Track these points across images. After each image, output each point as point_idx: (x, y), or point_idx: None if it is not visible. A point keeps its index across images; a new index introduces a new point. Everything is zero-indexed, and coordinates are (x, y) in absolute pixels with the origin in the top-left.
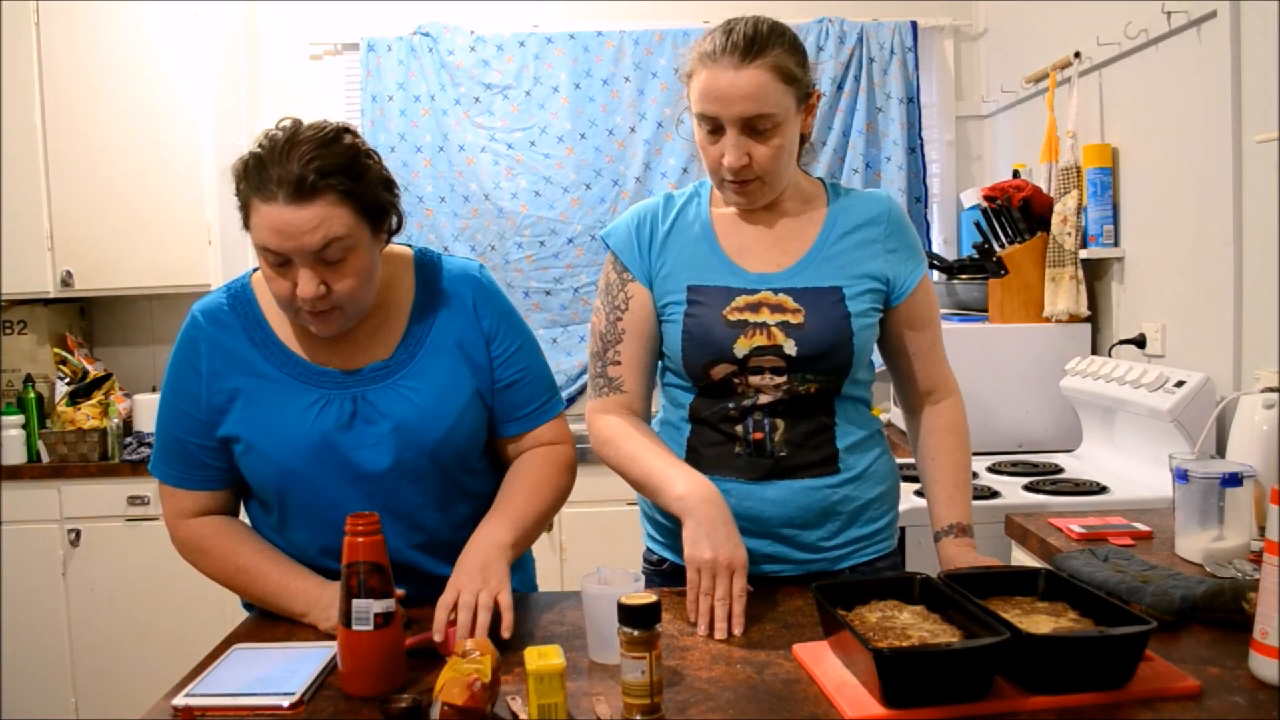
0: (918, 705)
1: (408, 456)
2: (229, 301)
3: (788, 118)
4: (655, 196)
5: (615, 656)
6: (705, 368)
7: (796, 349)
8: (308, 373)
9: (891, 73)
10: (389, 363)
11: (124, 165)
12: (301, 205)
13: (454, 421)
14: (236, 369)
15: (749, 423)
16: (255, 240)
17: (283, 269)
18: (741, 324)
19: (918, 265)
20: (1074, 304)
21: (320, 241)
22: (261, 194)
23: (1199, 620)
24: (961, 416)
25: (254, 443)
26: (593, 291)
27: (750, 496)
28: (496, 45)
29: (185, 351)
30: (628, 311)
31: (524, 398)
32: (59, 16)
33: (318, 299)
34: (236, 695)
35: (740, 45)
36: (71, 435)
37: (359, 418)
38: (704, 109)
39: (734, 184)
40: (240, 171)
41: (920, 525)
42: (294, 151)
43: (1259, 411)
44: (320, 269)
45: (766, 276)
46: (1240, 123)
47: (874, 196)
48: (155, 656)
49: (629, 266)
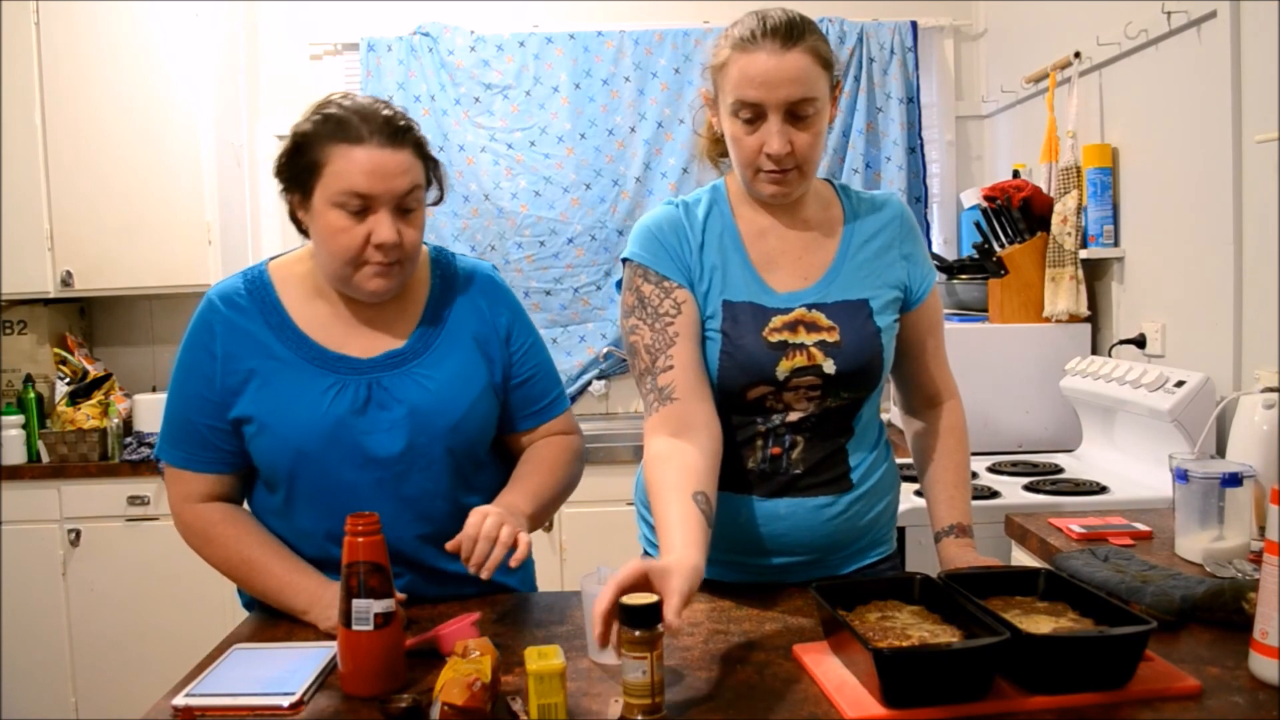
0: (918, 705)
1: (420, 442)
2: (245, 286)
3: (825, 105)
4: (663, 208)
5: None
6: (743, 389)
7: (835, 367)
8: (323, 358)
9: (891, 73)
10: (404, 350)
11: (124, 165)
12: (395, 149)
13: (467, 410)
14: (252, 351)
15: (770, 439)
16: (337, 187)
17: (359, 216)
18: (782, 345)
19: (930, 271)
20: (1074, 304)
21: (407, 185)
22: (350, 138)
23: (1199, 620)
24: (962, 418)
25: (268, 423)
26: (592, 291)
27: (764, 514)
28: (496, 45)
29: (199, 334)
30: (680, 315)
31: (538, 393)
32: (59, 16)
33: (394, 246)
34: (236, 695)
35: (781, 30)
36: (71, 435)
37: (373, 403)
38: (745, 95)
39: (772, 174)
40: (317, 127)
41: (920, 525)
42: (377, 104)
43: (1259, 411)
44: (396, 217)
45: (796, 294)
46: (1240, 123)
47: (884, 200)
48: (155, 656)
49: (669, 275)
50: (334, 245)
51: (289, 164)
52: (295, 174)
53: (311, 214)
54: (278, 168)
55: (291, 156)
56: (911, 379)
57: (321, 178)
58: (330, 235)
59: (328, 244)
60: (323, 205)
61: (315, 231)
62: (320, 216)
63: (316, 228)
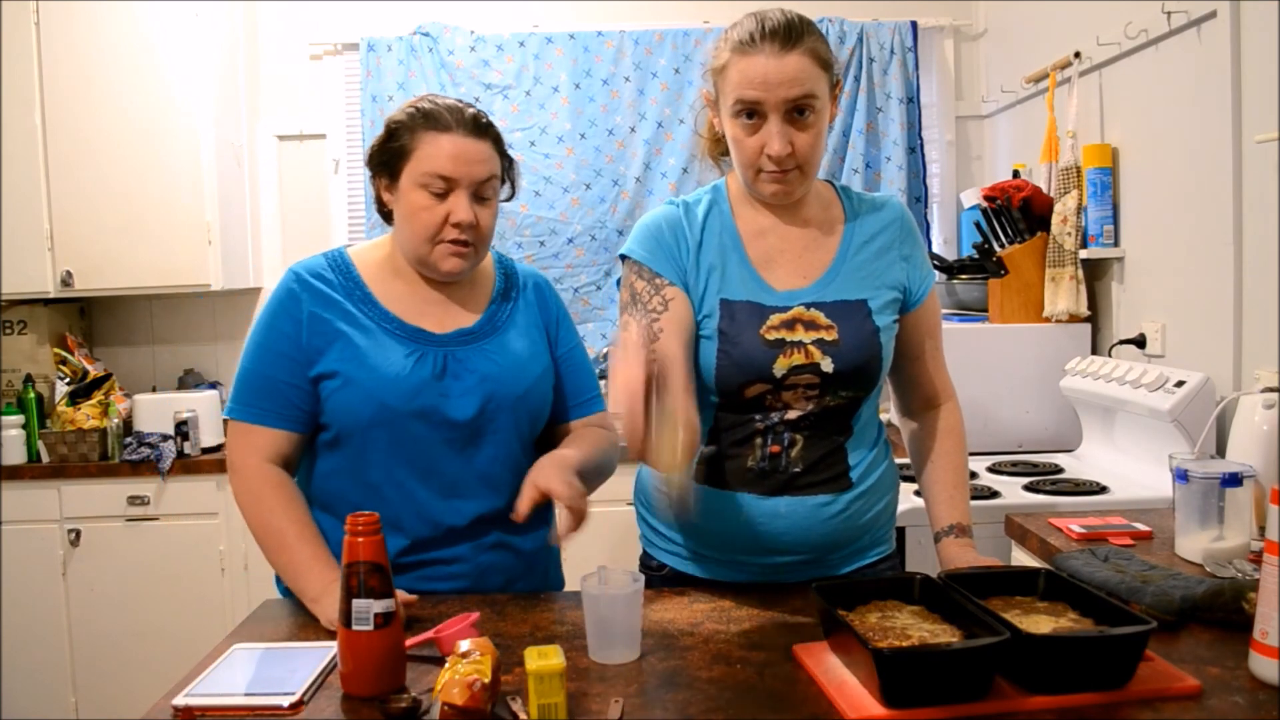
0: (918, 705)
1: (490, 409)
2: (328, 263)
3: (825, 105)
4: (664, 207)
5: (616, 656)
6: (741, 388)
7: (833, 366)
8: (403, 329)
9: (891, 73)
10: (475, 329)
11: (124, 165)
12: (477, 139)
13: (532, 384)
14: (337, 316)
15: (769, 437)
16: (423, 169)
17: (440, 198)
18: (779, 343)
19: (929, 272)
20: (1074, 304)
21: (485, 173)
22: (439, 127)
23: (1199, 620)
24: (959, 420)
25: (354, 377)
26: (592, 291)
27: (763, 512)
28: (496, 45)
29: (283, 301)
30: (666, 312)
31: (585, 385)
32: (59, 16)
33: (469, 226)
34: (236, 695)
35: (780, 32)
36: (71, 435)
37: (449, 373)
38: (746, 95)
39: (773, 174)
40: (408, 115)
41: (920, 525)
42: (463, 103)
43: (1259, 411)
44: (473, 201)
45: (795, 293)
46: (1240, 123)
47: (884, 201)
48: (155, 656)
49: (662, 272)
50: (416, 223)
51: (380, 149)
52: (386, 159)
53: (397, 195)
54: (369, 153)
55: (384, 143)
56: (910, 381)
57: (410, 160)
58: (413, 213)
59: (410, 222)
60: (409, 186)
61: (399, 211)
62: (405, 196)
63: (401, 207)
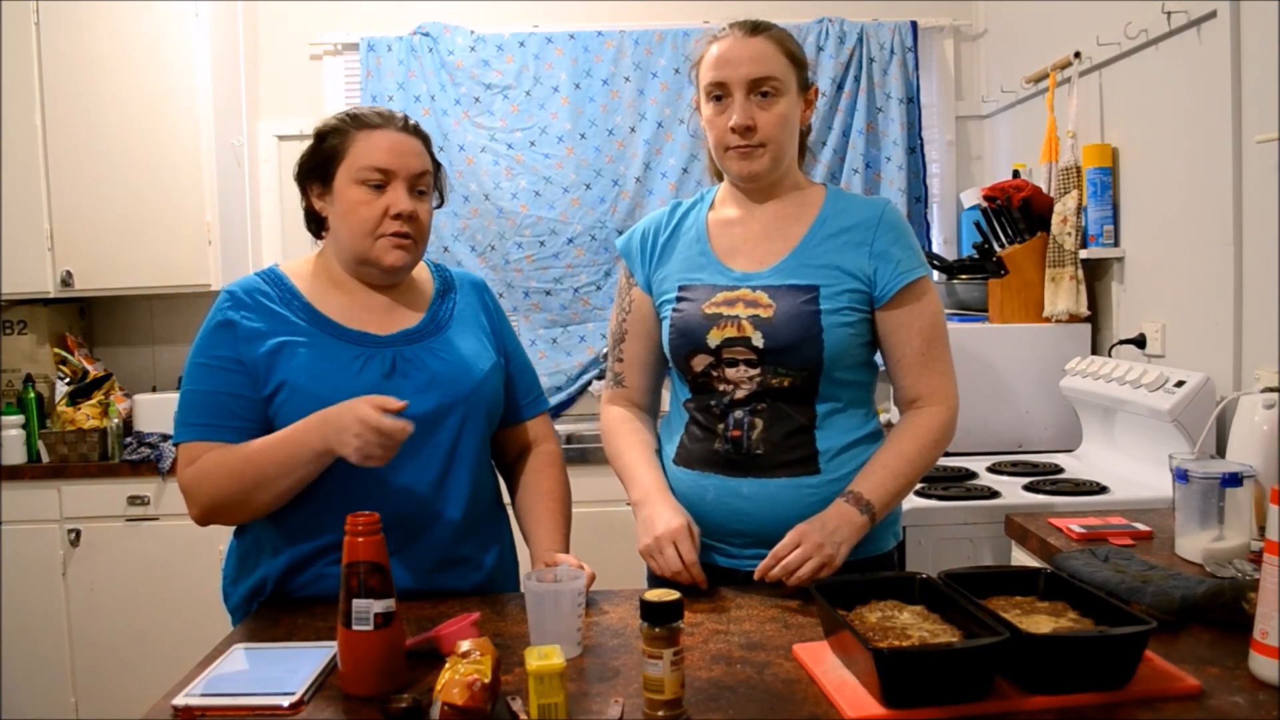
0: (918, 705)
1: (445, 403)
2: (262, 279)
3: (790, 90)
4: (667, 206)
5: None
6: (686, 358)
7: (764, 341)
8: (345, 335)
9: (891, 73)
10: (419, 328)
11: (124, 165)
12: (408, 135)
13: (483, 377)
14: (278, 328)
15: (729, 420)
16: (359, 165)
17: (378, 191)
18: (716, 316)
19: (908, 269)
20: (1074, 304)
21: (420, 167)
22: (371, 125)
23: (1199, 620)
24: (934, 422)
25: (302, 385)
26: (592, 291)
27: (728, 492)
28: (496, 45)
29: (219, 324)
30: (630, 314)
31: (524, 388)
32: (59, 16)
33: (409, 218)
34: (236, 695)
35: (748, 23)
36: (71, 435)
37: (398, 372)
38: (712, 76)
39: (739, 149)
40: (339, 120)
41: (920, 525)
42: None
43: (1259, 411)
44: (411, 196)
45: (749, 275)
46: (1240, 123)
47: (871, 202)
48: (155, 656)
49: (633, 273)
50: (355, 219)
51: (311, 156)
52: (317, 164)
53: (333, 197)
54: (299, 164)
55: (314, 149)
56: (893, 378)
57: (345, 159)
58: (352, 209)
59: (349, 219)
60: (345, 184)
61: (336, 211)
62: (342, 195)
63: (338, 207)
